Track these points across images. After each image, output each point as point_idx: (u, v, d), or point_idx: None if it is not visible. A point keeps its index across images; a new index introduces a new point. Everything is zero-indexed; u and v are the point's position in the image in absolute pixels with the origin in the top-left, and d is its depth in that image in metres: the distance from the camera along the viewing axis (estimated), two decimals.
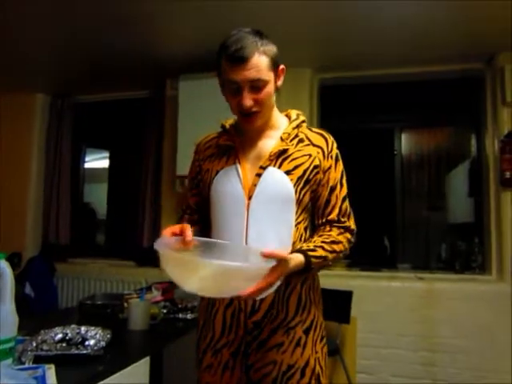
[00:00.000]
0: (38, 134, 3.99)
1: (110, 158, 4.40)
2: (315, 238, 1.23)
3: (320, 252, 1.17)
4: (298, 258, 1.12)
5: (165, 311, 2.00)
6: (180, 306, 2.05)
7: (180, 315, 1.98)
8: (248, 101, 1.18)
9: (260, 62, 1.16)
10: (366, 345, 2.93)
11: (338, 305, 2.74)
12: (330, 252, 1.20)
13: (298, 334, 1.22)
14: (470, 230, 3.28)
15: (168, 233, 1.12)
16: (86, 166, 4.41)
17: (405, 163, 3.57)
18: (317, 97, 3.46)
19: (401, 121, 3.50)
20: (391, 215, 3.39)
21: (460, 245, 3.28)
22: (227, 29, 1.19)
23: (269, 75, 1.19)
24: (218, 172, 1.28)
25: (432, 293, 2.95)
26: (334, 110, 3.10)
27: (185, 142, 3.14)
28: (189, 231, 1.10)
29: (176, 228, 1.12)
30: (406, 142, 3.60)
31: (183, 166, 3.13)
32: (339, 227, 1.27)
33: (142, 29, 2.77)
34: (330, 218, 1.27)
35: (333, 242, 1.22)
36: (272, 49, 1.20)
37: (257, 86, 1.17)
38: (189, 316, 1.98)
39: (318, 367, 1.23)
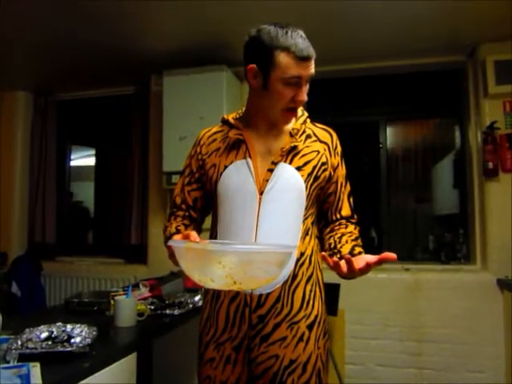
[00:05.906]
0: (22, 132, 3.95)
1: (96, 156, 4.37)
2: (343, 237, 1.28)
3: (358, 250, 1.26)
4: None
5: (152, 307, 2.00)
6: (167, 301, 2.05)
7: (167, 311, 1.98)
8: (305, 95, 1.21)
9: None
10: (354, 336, 2.96)
11: (326, 297, 2.73)
12: (361, 247, 1.28)
13: (302, 329, 1.22)
14: (456, 221, 3.32)
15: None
16: (72, 163, 4.37)
17: (390, 155, 3.59)
18: None
19: (386, 113, 3.52)
20: (378, 207, 3.41)
21: (446, 236, 3.32)
22: (211, 24, 1.19)
23: None
24: (226, 167, 1.26)
25: (418, 283, 2.99)
26: (319, 103, 3.11)
27: (170, 138, 3.13)
28: (194, 233, 1.07)
29: (178, 237, 1.14)
30: (391, 135, 3.62)
31: (169, 163, 3.13)
32: (353, 223, 1.35)
33: (125, 25, 2.74)
34: (344, 214, 1.35)
35: (357, 238, 1.30)
36: None
37: (308, 81, 1.21)
38: (176, 312, 1.97)
39: (319, 363, 1.24)
